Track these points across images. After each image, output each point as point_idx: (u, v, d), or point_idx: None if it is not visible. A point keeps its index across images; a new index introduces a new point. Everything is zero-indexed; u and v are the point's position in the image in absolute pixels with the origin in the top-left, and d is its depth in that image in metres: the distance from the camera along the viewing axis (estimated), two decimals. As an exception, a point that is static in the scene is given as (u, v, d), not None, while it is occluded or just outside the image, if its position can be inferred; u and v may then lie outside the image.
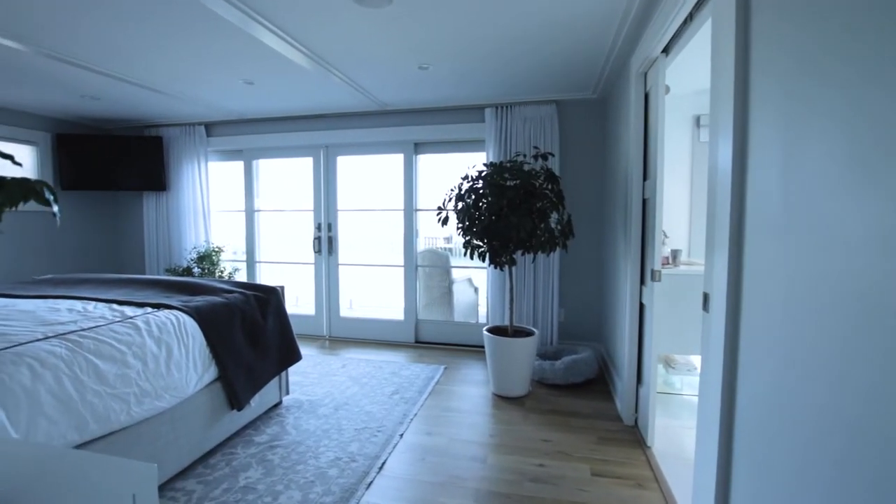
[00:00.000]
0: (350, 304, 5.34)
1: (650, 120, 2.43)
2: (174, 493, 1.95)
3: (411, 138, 4.09)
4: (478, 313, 4.68)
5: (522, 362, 2.94)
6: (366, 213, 4.49)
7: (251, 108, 4.10)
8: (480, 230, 2.79)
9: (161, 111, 4.19)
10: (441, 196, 3.13)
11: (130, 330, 1.92)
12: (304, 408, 2.81)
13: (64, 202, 4.49)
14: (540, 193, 2.85)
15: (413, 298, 4.27)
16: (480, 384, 3.23)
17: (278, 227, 4.78)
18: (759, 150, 1.14)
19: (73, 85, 3.38)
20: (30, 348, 1.59)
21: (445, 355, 3.92)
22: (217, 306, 2.38)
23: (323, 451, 2.29)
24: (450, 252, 4.82)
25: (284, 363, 2.72)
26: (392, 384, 3.20)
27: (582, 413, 2.76)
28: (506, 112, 3.75)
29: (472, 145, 4.05)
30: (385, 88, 3.49)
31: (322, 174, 4.38)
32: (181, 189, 4.57)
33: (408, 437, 2.46)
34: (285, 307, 2.84)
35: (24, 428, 1.45)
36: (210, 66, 3.00)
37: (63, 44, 2.65)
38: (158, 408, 1.91)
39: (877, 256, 0.72)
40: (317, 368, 3.54)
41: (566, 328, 3.88)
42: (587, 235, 3.80)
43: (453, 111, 4.01)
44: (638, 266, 2.52)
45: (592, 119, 3.74)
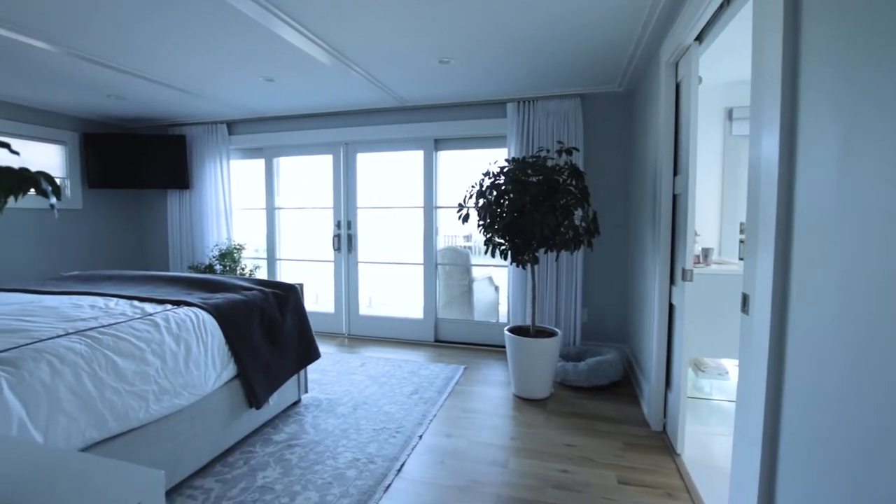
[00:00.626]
0: (369, 303, 5.33)
1: (681, 112, 2.32)
2: (192, 491, 1.94)
3: (431, 134, 4.04)
4: (498, 312, 4.61)
5: (545, 363, 2.85)
6: (385, 211, 4.46)
7: (272, 106, 4.11)
8: (502, 227, 2.71)
9: (184, 110, 4.23)
10: (461, 193, 3.07)
11: (150, 327, 1.91)
12: (323, 406, 2.78)
13: (91, 200, 4.59)
14: (564, 190, 2.76)
15: (433, 297, 4.22)
16: (501, 385, 3.16)
17: (298, 224, 4.79)
18: (810, 141, 1.04)
19: (100, 84, 3.44)
20: (50, 344, 1.59)
21: (465, 355, 3.86)
22: (236, 304, 2.37)
23: (341, 452, 2.26)
24: (470, 250, 4.75)
25: (303, 361, 2.70)
26: (411, 384, 3.16)
27: (607, 417, 2.66)
28: (528, 107, 3.66)
29: (493, 141, 3.97)
30: (405, 84, 3.44)
31: (342, 171, 4.36)
32: (204, 187, 4.62)
33: (427, 438, 2.41)
34: (304, 305, 2.82)
35: (44, 425, 1.45)
36: (230, 64, 3.00)
37: (90, 43, 2.68)
38: (177, 405, 1.90)
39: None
40: (336, 367, 3.52)
41: (590, 329, 3.77)
42: (612, 233, 3.68)
43: (474, 106, 3.93)
44: (667, 265, 2.41)
45: (618, 113, 3.62)
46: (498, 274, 4.74)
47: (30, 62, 2.98)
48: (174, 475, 1.92)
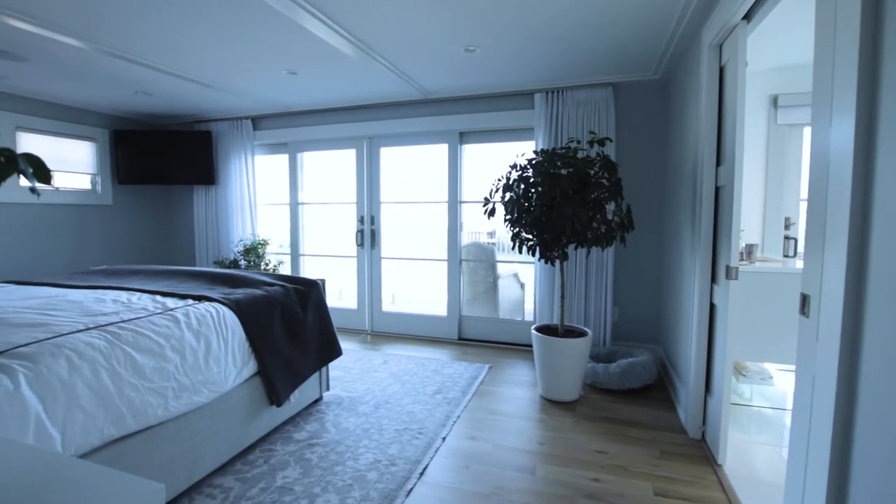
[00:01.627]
0: (392, 299, 5.28)
1: (725, 98, 2.15)
2: (212, 490, 1.91)
3: (456, 127, 3.93)
4: (524, 310, 4.48)
5: (574, 364, 2.72)
6: (409, 206, 4.38)
7: (295, 100, 4.08)
8: (530, 222, 2.59)
9: (209, 105, 4.25)
10: (486, 188, 2.96)
11: (170, 322, 1.88)
12: (345, 405, 2.73)
13: (120, 196, 4.67)
14: (595, 182, 2.62)
15: (457, 294, 4.13)
16: (527, 386, 3.05)
17: (322, 220, 4.77)
18: (894, 127, 0.90)
19: (128, 81, 3.46)
20: (69, 339, 1.57)
21: (490, 353, 3.76)
22: (257, 299, 2.33)
23: (362, 453, 2.19)
24: (494, 246, 4.64)
25: (324, 359, 2.65)
26: (434, 383, 3.08)
27: (640, 422, 2.51)
28: (557, 97, 3.51)
29: (519, 134, 3.83)
30: (430, 74, 3.34)
31: (365, 166, 4.31)
32: (229, 182, 4.65)
33: (450, 440, 2.32)
34: (326, 301, 2.77)
35: (61, 421, 1.42)
36: (253, 57, 2.96)
37: (119, 39, 2.69)
38: (196, 402, 1.87)
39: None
40: (358, 364, 3.47)
41: (621, 328, 3.61)
42: (645, 228, 3.50)
43: (500, 98, 3.81)
44: (708, 262, 2.25)
45: (653, 102, 3.43)
46: (524, 270, 4.61)
47: (62, 60, 3.02)
48: (194, 473, 1.89)
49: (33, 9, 2.35)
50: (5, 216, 3.79)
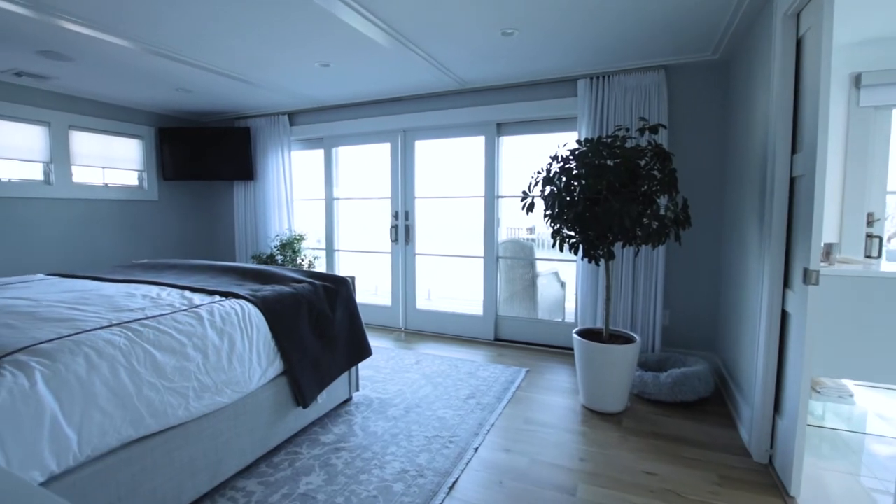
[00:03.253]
0: (428, 295, 5.17)
1: (804, 74, 1.86)
2: (234, 493, 1.85)
3: (493, 118, 3.75)
4: (564, 311, 4.24)
5: (620, 373, 2.50)
6: (444, 201, 4.24)
7: (329, 94, 4.02)
8: (572, 218, 2.38)
9: (247, 101, 4.27)
10: (525, 181, 2.77)
11: (193, 320, 1.83)
12: (374, 407, 2.63)
13: (165, 191, 4.80)
14: (646, 174, 2.38)
15: (493, 292, 3.96)
16: (568, 394, 2.84)
17: (357, 215, 4.72)
18: None
19: (169, 78, 3.51)
20: (90, 336, 1.53)
21: (527, 356, 3.57)
22: (284, 297, 2.25)
23: (389, 461, 2.08)
24: (534, 243, 4.43)
25: (353, 359, 2.56)
26: (468, 386, 2.93)
27: (695, 441, 2.26)
28: (602, 83, 3.26)
29: (561, 124, 3.60)
30: (465, 63, 3.18)
31: (399, 160, 4.20)
32: (267, 178, 4.67)
33: (483, 452, 2.17)
34: (355, 299, 2.68)
35: (78, 421, 1.37)
36: (284, 48, 2.90)
37: (160, 37, 2.73)
38: (219, 403, 1.81)
39: None
40: (390, 363, 3.37)
41: (672, 333, 3.32)
42: (701, 224, 3.20)
43: (540, 86, 3.59)
44: (780, 264, 1.97)
45: (711, 85, 3.12)
46: (565, 269, 4.37)
47: (106, 58, 3.08)
48: (216, 475, 1.83)
49: (83, 11, 2.41)
50: (58, 211, 3.95)
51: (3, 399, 1.23)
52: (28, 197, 3.75)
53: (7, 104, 3.57)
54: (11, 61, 3.13)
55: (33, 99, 3.73)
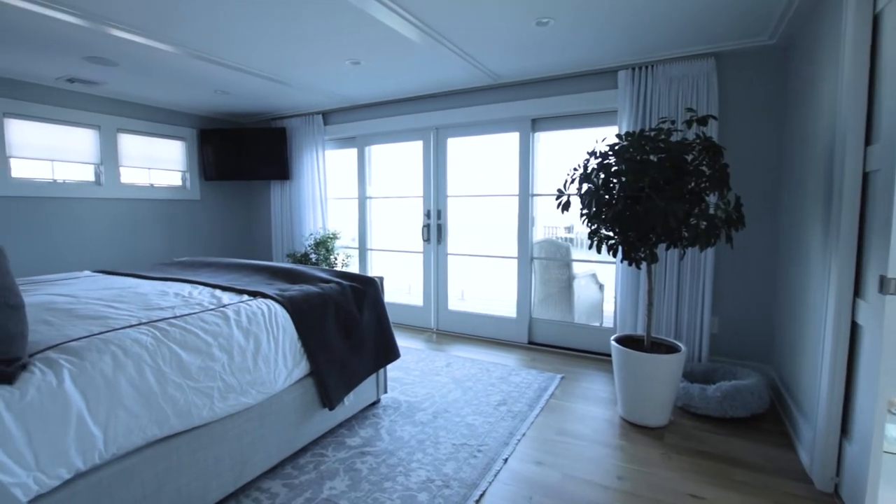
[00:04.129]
0: (462, 295, 5.09)
1: (881, 55, 1.65)
2: (258, 494, 1.83)
3: (528, 114, 3.62)
4: (602, 314, 4.06)
5: (663, 385, 2.33)
6: (477, 199, 4.14)
7: (361, 93, 4.01)
8: (611, 217, 2.23)
9: (282, 102, 4.33)
10: (562, 179, 2.63)
11: (219, 320, 1.82)
12: (402, 410, 2.58)
13: (206, 191, 4.95)
14: (694, 170, 2.19)
15: (527, 294, 3.83)
16: (605, 404, 2.68)
17: (389, 214, 4.70)
18: None
19: (208, 80, 3.59)
20: (118, 335, 1.54)
21: (562, 362, 3.42)
22: (311, 297, 2.23)
23: (415, 468, 2.01)
24: (571, 243, 4.26)
25: (381, 361, 2.51)
26: (499, 392, 2.82)
27: (747, 462, 2.07)
28: (645, 73, 3.07)
29: (600, 118, 3.43)
30: (499, 56, 3.07)
31: (432, 158, 4.14)
32: (302, 177, 4.73)
33: (513, 463, 2.06)
34: (383, 300, 2.63)
35: (104, 420, 1.38)
36: (316, 47, 2.89)
37: (198, 39, 2.78)
38: (244, 404, 1.79)
39: None
40: (420, 365, 3.31)
41: (720, 342, 3.09)
42: (755, 224, 2.95)
43: (577, 78, 3.42)
44: (850, 270, 1.75)
45: (767, 72, 2.86)
46: (603, 270, 4.18)
47: (148, 63, 3.18)
48: (242, 475, 1.82)
49: (132, 18, 2.50)
50: (107, 210, 4.14)
51: (32, 397, 1.25)
52: (81, 197, 3.94)
53: (62, 109, 3.76)
54: (64, 68, 3.29)
55: (85, 104, 3.91)
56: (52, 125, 3.74)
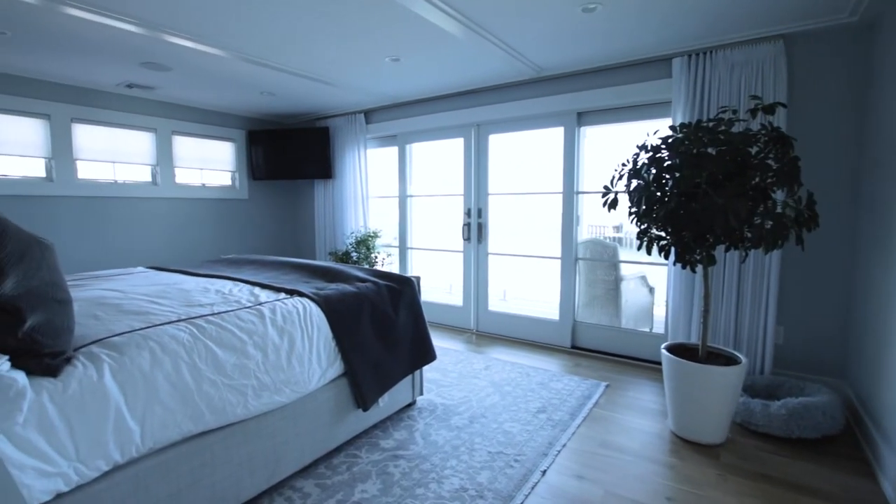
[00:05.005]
0: (503, 296, 4.99)
1: None
2: (291, 493, 1.83)
3: (573, 107, 3.45)
4: (652, 319, 3.83)
5: (720, 399, 2.13)
6: (519, 197, 4.02)
7: (402, 90, 3.98)
8: (663, 216, 2.06)
9: (325, 101, 4.38)
10: (609, 176, 2.47)
11: (254, 318, 1.83)
12: (438, 413, 2.52)
13: (254, 190, 5.11)
14: (758, 164, 1.99)
15: (571, 296, 3.67)
16: (653, 416, 2.51)
17: (429, 212, 4.66)
18: None
19: (254, 82, 3.69)
20: (157, 331, 1.57)
21: (608, 368, 3.24)
22: (347, 296, 2.21)
23: (448, 475, 1.94)
24: (619, 243, 4.05)
25: (416, 363, 2.46)
26: (539, 398, 2.70)
27: (818, 490, 1.85)
28: (703, 60, 2.84)
29: (651, 110, 3.22)
30: (542, 47, 2.94)
31: (473, 155, 4.05)
32: (344, 176, 4.78)
33: (551, 476, 1.95)
34: (420, 300, 2.58)
35: (141, 414, 1.40)
36: (356, 45, 2.88)
37: (246, 43, 2.85)
38: (277, 402, 1.79)
39: None
40: (458, 367, 3.25)
41: (786, 354, 2.81)
42: (830, 224, 2.66)
43: (627, 68, 3.23)
44: (951, 276, 1.51)
45: (847, 54, 2.57)
46: (653, 272, 3.94)
47: (200, 67, 3.30)
48: (275, 473, 1.82)
49: (187, 25, 2.60)
50: (162, 209, 4.35)
51: (74, 390, 1.28)
52: (139, 197, 4.17)
53: (122, 114, 3.98)
54: (122, 74, 3.47)
55: (142, 108, 4.13)
56: (114, 129, 3.97)
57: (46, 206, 3.65)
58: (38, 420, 1.20)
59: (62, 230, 3.74)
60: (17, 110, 3.45)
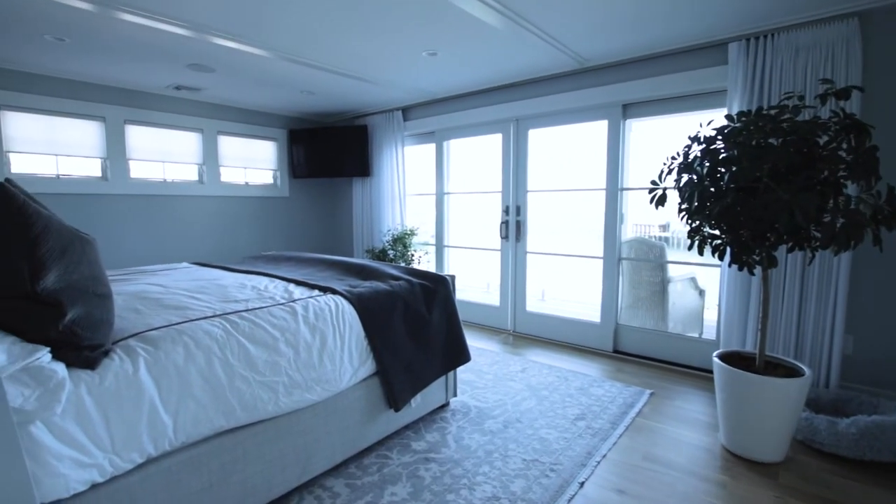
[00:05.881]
0: (542, 296, 4.85)
1: None
2: (320, 492, 1.82)
3: (618, 99, 3.28)
4: (702, 323, 3.60)
5: (780, 413, 1.94)
6: (559, 194, 3.88)
7: (439, 86, 3.93)
8: (717, 213, 1.90)
9: (363, 99, 4.40)
10: (656, 171, 2.31)
11: (287, 314, 1.82)
12: (471, 416, 2.45)
13: (295, 189, 5.21)
14: (829, 155, 1.79)
15: (613, 297, 3.50)
16: (703, 428, 2.33)
17: (467, 210, 4.59)
18: None
19: (293, 81, 3.74)
20: (192, 326, 1.59)
21: (652, 375, 3.06)
22: (380, 294, 2.18)
23: (480, 482, 1.87)
24: (666, 242, 3.83)
25: (450, 364, 2.40)
26: (578, 405, 2.58)
27: (897, 520, 1.65)
28: (763, 44, 2.61)
29: (703, 101, 3.01)
30: (586, 36, 2.81)
31: (511, 151, 3.94)
32: (382, 174, 4.79)
33: (590, 488, 1.84)
34: (454, 300, 2.51)
35: (174, 408, 1.42)
36: (393, 39, 2.85)
37: (286, 42, 2.89)
38: (308, 400, 1.78)
39: None
40: (493, 368, 3.16)
41: (856, 366, 2.55)
42: (910, 224, 2.38)
43: (676, 56, 3.03)
44: None
45: (935, 33, 2.29)
46: (704, 273, 3.70)
47: (247, 68, 3.39)
48: (305, 471, 1.81)
49: (234, 27, 2.67)
50: (208, 207, 4.51)
51: (110, 382, 1.30)
52: (186, 195, 4.33)
53: (171, 115, 4.15)
54: (170, 76, 3.60)
55: (189, 109, 4.28)
56: (163, 130, 4.14)
57: (102, 203, 3.85)
58: (76, 411, 1.22)
59: (115, 227, 3.94)
60: (77, 113, 3.66)
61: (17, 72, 3.39)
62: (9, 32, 2.72)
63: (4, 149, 3.38)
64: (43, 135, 3.53)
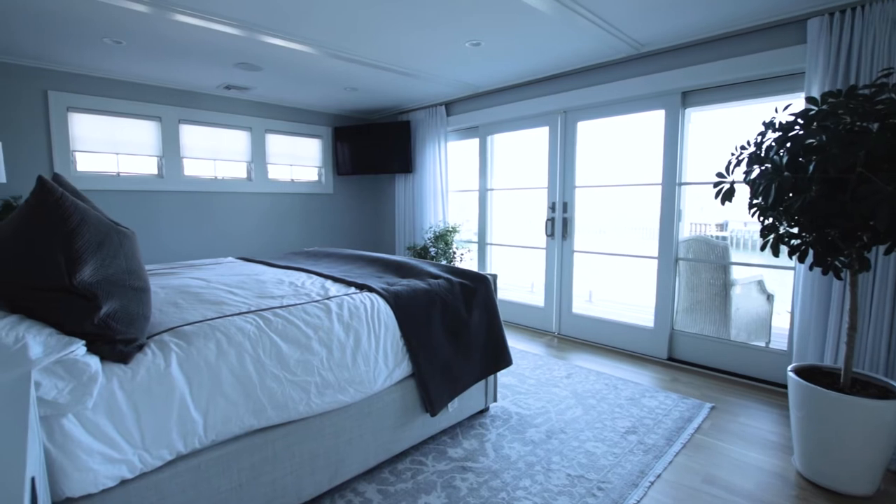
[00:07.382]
0: (589, 297, 4.63)
1: None
2: (352, 497, 1.75)
3: (677, 86, 3.02)
4: (770, 332, 3.27)
5: (870, 439, 1.68)
6: (610, 190, 3.66)
7: (483, 78, 3.80)
8: (798, 209, 1.66)
9: (406, 94, 4.34)
10: (718, 166, 2.08)
11: (321, 312, 1.77)
12: (512, 424, 2.32)
13: (339, 185, 5.25)
14: (940, 140, 1.51)
15: (668, 301, 3.25)
16: (773, 450, 2.08)
17: (511, 206, 4.44)
18: None
19: (337, 78, 3.74)
20: (225, 322, 1.56)
21: (712, 386, 2.80)
22: (417, 293, 2.09)
23: (520, 497, 1.74)
24: (728, 242, 3.52)
25: (490, 367, 2.28)
26: (628, 416, 2.39)
27: None
28: (849, 18, 2.30)
29: (773, 85, 2.71)
30: (642, 19, 2.60)
31: (559, 145, 3.76)
32: (424, 170, 4.72)
33: (642, 512, 1.67)
34: (496, 300, 2.39)
35: (204, 406, 1.39)
36: (435, 30, 2.76)
37: (333, 38, 2.89)
38: (340, 401, 1.72)
39: None
40: (536, 372, 3.01)
41: (963, 386, 2.19)
42: None
43: (744, 37, 2.74)
44: None
45: None
46: (773, 276, 3.37)
47: (289, 65, 3.41)
48: (337, 474, 1.76)
49: (283, 25, 2.69)
50: (255, 204, 4.61)
51: (142, 377, 1.29)
52: (235, 192, 4.45)
53: (221, 114, 4.27)
54: (221, 76, 3.69)
55: (239, 108, 4.39)
56: (214, 128, 4.27)
57: (157, 200, 4.02)
58: (107, 405, 1.21)
59: (169, 222, 4.10)
60: (136, 114, 3.83)
61: (82, 75, 3.59)
62: (71, 36, 2.86)
63: (71, 148, 3.59)
64: (105, 134, 3.72)
